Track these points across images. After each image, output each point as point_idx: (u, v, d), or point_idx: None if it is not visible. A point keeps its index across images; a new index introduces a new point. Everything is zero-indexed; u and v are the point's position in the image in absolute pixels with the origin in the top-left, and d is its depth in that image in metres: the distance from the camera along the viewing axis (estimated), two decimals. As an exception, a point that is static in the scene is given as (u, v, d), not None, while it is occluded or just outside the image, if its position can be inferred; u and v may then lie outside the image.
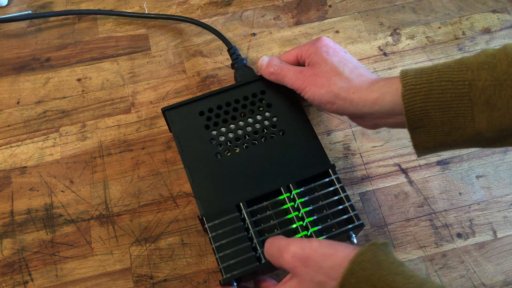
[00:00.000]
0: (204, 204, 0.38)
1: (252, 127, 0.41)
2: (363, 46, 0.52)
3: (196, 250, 0.42)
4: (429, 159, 0.45)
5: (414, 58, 0.51)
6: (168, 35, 0.53)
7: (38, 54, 0.52)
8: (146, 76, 0.50)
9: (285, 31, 0.53)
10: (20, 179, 0.45)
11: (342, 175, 0.45)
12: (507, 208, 0.43)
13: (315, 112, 0.48)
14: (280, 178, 0.39)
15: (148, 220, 0.43)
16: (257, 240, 0.36)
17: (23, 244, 0.42)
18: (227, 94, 0.43)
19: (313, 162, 0.39)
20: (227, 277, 0.35)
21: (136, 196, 0.44)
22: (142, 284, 0.40)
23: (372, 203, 0.43)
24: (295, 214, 0.37)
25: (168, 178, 0.45)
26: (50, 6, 0.55)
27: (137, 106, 0.48)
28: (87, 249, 0.42)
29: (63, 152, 0.46)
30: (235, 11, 0.54)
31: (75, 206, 0.44)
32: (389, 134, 0.47)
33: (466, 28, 0.53)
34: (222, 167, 0.39)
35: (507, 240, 0.42)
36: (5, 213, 0.43)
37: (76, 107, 0.49)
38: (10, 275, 0.41)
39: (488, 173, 0.45)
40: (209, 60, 0.51)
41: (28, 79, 0.50)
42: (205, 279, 0.41)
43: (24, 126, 0.48)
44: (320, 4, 0.55)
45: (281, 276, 0.40)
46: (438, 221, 0.43)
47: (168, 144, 0.46)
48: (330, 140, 0.46)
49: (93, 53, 0.52)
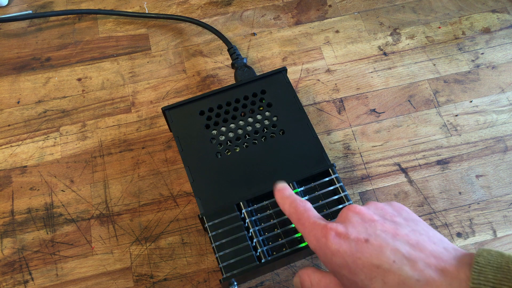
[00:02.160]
0: (204, 203, 0.38)
1: (252, 126, 0.41)
2: (363, 46, 0.52)
3: (196, 249, 0.42)
4: (429, 158, 0.45)
5: (414, 58, 0.51)
6: (168, 35, 0.53)
7: (38, 54, 0.52)
8: (146, 76, 0.50)
9: (285, 31, 0.53)
10: (20, 178, 0.45)
11: (342, 174, 0.45)
12: (507, 207, 0.43)
13: (315, 112, 0.48)
14: (280, 177, 0.39)
15: (148, 219, 0.43)
16: (257, 240, 0.36)
17: (23, 244, 0.42)
18: (228, 93, 0.43)
19: (313, 162, 0.39)
20: (227, 276, 0.35)
21: (136, 195, 0.44)
22: (142, 283, 0.40)
23: (372, 202, 0.43)
24: (295, 213, 0.37)
25: (168, 177, 0.45)
26: (51, 6, 0.55)
27: (137, 106, 0.49)
28: (87, 248, 0.42)
29: (64, 152, 0.46)
30: (235, 11, 0.55)
31: (76, 205, 0.44)
32: (389, 133, 0.47)
33: (466, 28, 0.53)
34: (222, 167, 0.39)
35: (507, 239, 0.42)
36: (5, 212, 0.43)
37: (76, 107, 0.49)
38: (10, 274, 0.41)
39: (488, 173, 0.45)
40: (209, 59, 0.51)
41: (29, 79, 0.50)
42: (205, 279, 0.41)
43: (25, 126, 0.48)
44: (320, 4, 0.55)
45: (281, 276, 0.40)
46: (438, 220, 0.43)
47: (168, 144, 0.46)
48: (330, 140, 0.47)
49: (93, 52, 0.52)
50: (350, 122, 0.47)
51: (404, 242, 0.27)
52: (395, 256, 0.27)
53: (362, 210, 0.31)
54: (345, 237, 0.29)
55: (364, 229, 0.29)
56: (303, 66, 0.51)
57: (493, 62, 0.51)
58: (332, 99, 0.49)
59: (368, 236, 0.28)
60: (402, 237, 0.28)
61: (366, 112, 0.48)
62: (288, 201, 0.34)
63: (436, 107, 0.48)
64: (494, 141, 0.46)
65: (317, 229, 0.30)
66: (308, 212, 0.32)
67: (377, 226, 0.29)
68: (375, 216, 0.30)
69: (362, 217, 0.30)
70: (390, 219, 0.30)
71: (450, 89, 0.49)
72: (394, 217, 0.30)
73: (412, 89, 0.49)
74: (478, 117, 0.47)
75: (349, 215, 0.30)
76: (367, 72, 0.50)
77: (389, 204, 0.32)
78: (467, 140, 0.46)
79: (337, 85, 0.49)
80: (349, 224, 0.30)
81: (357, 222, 0.30)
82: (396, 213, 0.31)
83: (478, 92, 0.49)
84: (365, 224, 0.29)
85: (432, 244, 0.27)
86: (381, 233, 0.28)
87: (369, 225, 0.29)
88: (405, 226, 0.29)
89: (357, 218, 0.30)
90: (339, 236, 0.29)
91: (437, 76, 0.50)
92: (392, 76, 0.50)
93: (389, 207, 0.31)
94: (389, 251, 0.27)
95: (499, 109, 0.48)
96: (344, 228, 0.29)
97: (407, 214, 0.31)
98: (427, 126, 0.47)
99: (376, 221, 0.29)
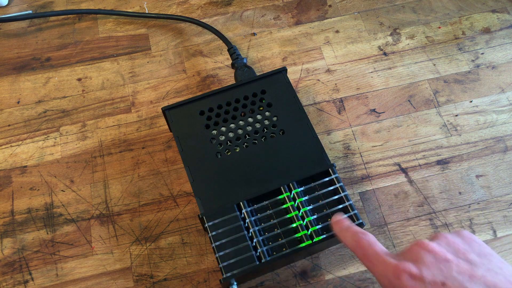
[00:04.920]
0: (204, 203, 0.38)
1: (252, 126, 0.41)
2: (363, 46, 0.52)
3: (196, 249, 0.42)
4: (429, 158, 0.45)
5: (414, 58, 0.51)
6: (168, 35, 0.53)
7: (38, 54, 0.52)
8: (146, 76, 0.50)
9: (285, 31, 0.53)
10: (20, 178, 0.45)
11: (342, 174, 0.45)
12: (507, 207, 0.43)
13: (315, 112, 0.48)
14: (280, 178, 0.39)
15: (148, 219, 0.43)
16: (257, 240, 0.36)
17: (23, 244, 0.42)
18: (228, 93, 0.43)
19: (313, 162, 0.39)
20: (227, 276, 0.35)
21: (136, 195, 0.44)
22: (142, 283, 0.40)
23: (372, 202, 0.43)
24: (295, 213, 0.37)
25: (168, 177, 0.45)
26: (51, 5, 0.55)
27: (137, 106, 0.49)
28: (87, 248, 0.42)
29: (64, 152, 0.46)
30: (235, 11, 0.55)
31: (76, 205, 0.44)
32: (389, 133, 0.47)
33: (466, 28, 0.53)
34: (222, 167, 0.39)
35: (507, 239, 0.42)
36: (5, 212, 0.43)
37: (76, 107, 0.49)
38: (10, 274, 0.41)
39: (488, 173, 0.45)
40: (209, 59, 0.51)
41: (29, 79, 0.50)
42: (205, 279, 0.41)
43: (25, 126, 0.48)
44: (320, 4, 0.55)
45: (281, 276, 0.40)
46: (438, 220, 0.43)
47: (168, 144, 0.46)
48: (330, 140, 0.47)
49: (94, 52, 0.52)
50: (350, 122, 0.47)
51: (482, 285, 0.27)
52: None
53: (435, 249, 0.29)
54: (420, 280, 0.27)
55: (439, 271, 0.28)
56: (303, 66, 0.51)
57: (493, 62, 0.51)
58: (332, 99, 0.49)
59: (444, 279, 0.27)
60: (479, 279, 0.27)
61: (366, 112, 0.48)
62: (350, 234, 0.32)
63: (436, 107, 0.48)
64: (494, 141, 0.46)
65: (388, 269, 0.29)
66: (374, 248, 0.31)
67: (452, 267, 0.28)
68: (449, 255, 0.29)
69: (436, 256, 0.29)
70: (464, 257, 0.28)
71: (450, 89, 0.49)
72: (467, 254, 0.29)
73: (412, 89, 0.49)
74: (478, 117, 0.47)
75: (421, 254, 0.29)
76: (367, 72, 0.50)
77: (459, 235, 0.30)
78: (467, 140, 0.46)
79: (337, 85, 0.49)
80: (423, 265, 0.28)
81: (430, 262, 0.28)
82: (469, 248, 0.29)
83: (478, 92, 0.49)
84: (439, 265, 0.28)
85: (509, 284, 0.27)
86: (457, 275, 0.27)
87: (444, 266, 0.28)
88: (480, 265, 0.28)
89: (430, 258, 0.28)
90: (414, 278, 0.28)
91: (437, 76, 0.50)
92: (392, 76, 0.50)
93: (460, 240, 0.30)
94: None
95: (499, 109, 0.48)
96: (418, 269, 0.28)
97: (479, 247, 0.29)
98: (427, 126, 0.47)
99: (451, 261, 0.28)
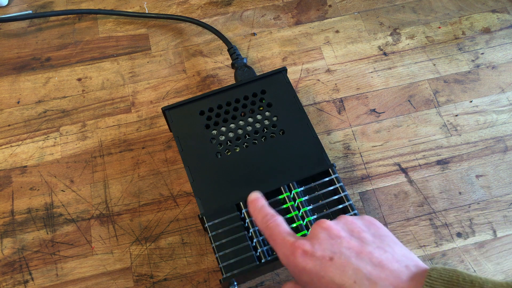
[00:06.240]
0: (204, 203, 0.38)
1: (252, 126, 0.41)
2: (363, 46, 0.52)
3: (196, 249, 0.42)
4: (429, 158, 0.45)
5: (414, 58, 0.51)
6: (168, 35, 0.53)
7: (38, 54, 0.52)
8: (146, 76, 0.50)
9: (285, 31, 0.53)
10: (20, 178, 0.45)
11: (342, 174, 0.45)
12: (507, 207, 0.43)
13: (315, 112, 0.48)
14: (280, 177, 0.39)
15: (148, 219, 0.43)
16: (257, 240, 0.36)
17: (23, 244, 0.42)
18: (228, 93, 0.43)
19: (313, 162, 0.39)
20: (227, 276, 0.35)
21: (136, 195, 0.44)
22: (142, 283, 0.40)
23: (372, 202, 0.43)
24: (295, 213, 0.37)
25: (168, 177, 0.45)
26: (51, 5, 0.55)
27: (137, 106, 0.49)
28: (87, 248, 0.42)
29: (64, 152, 0.46)
30: (235, 11, 0.55)
31: (75, 205, 0.44)
32: (389, 133, 0.47)
33: (466, 28, 0.53)
34: (222, 167, 0.39)
35: (507, 239, 0.42)
36: (5, 212, 0.43)
37: (76, 107, 0.49)
38: (10, 274, 0.41)
39: (488, 173, 0.45)
40: (209, 59, 0.51)
41: (29, 79, 0.50)
42: (205, 279, 0.41)
43: (25, 126, 0.48)
44: (320, 4, 0.55)
45: (281, 276, 0.40)
46: (438, 220, 0.43)
47: (168, 144, 0.46)
48: (330, 140, 0.47)
49: (93, 52, 0.52)
50: (350, 122, 0.47)
51: (367, 261, 0.28)
52: (357, 276, 0.27)
53: (330, 226, 0.31)
54: (311, 255, 0.29)
55: (330, 246, 0.29)
56: (303, 66, 0.51)
57: (493, 62, 0.51)
58: (332, 99, 0.49)
59: (333, 254, 0.29)
60: (365, 255, 0.28)
61: (366, 112, 0.48)
62: (260, 215, 0.34)
63: (436, 107, 0.48)
64: (494, 141, 0.46)
65: (286, 246, 0.31)
66: (278, 228, 0.32)
67: (342, 243, 0.29)
68: (342, 232, 0.30)
69: (329, 233, 0.30)
70: (357, 235, 0.30)
71: (450, 89, 0.49)
72: (361, 233, 0.30)
73: (412, 89, 0.49)
74: (478, 117, 0.47)
75: (317, 231, 0.31)
76: (367, 72, 0.50)
77: (361, 218, 0.32)
78: (467, 140, 0.46)
79: (337, 85, 0.49)
80: (316, 241, 0.30)
81: (324, 238, 0.30)
82: (365, 228, 0.31)
83: (478, 92, 0.49)
84: (331, 241, 0.30)
85: (395, 262, 0.28)
86: (345, 250, 0.29)
87: (335, 241, 0.29)
88: (371, 243, 0.29)
89: (325, 235, 0.30)
90: (305, 254, 0.29)
91: (437, 76, 0.50)
92: (392, 76, 0.50)
93: (360, 221, 0.31)
94: (352, 270, 0.28)
95: (499, 109, 0.48)
96: (311, 245, 0.30)
97: (376, 229, 0.31)
98: (427, 126, 0.47)
99: (343, 237, 0.30)
